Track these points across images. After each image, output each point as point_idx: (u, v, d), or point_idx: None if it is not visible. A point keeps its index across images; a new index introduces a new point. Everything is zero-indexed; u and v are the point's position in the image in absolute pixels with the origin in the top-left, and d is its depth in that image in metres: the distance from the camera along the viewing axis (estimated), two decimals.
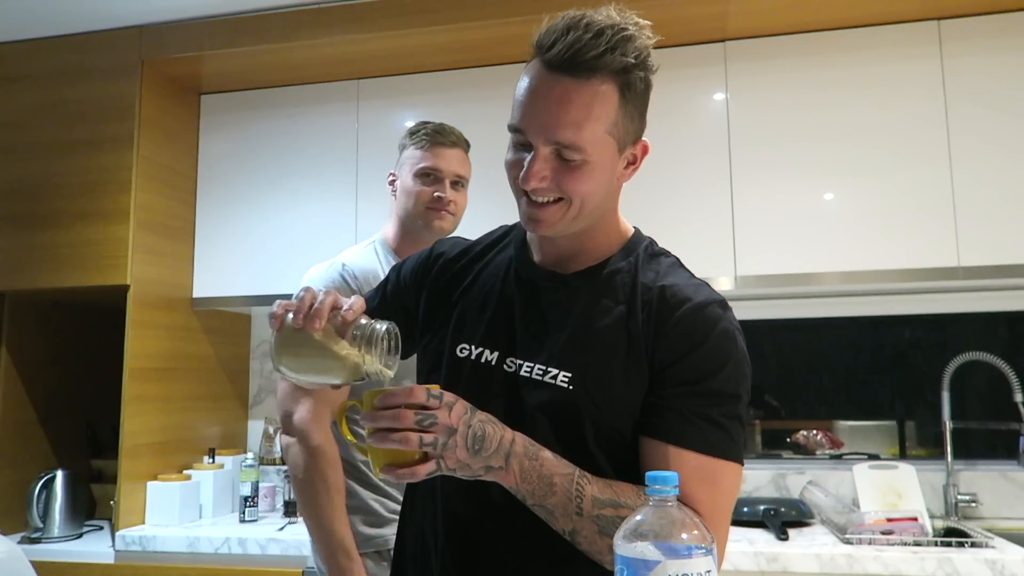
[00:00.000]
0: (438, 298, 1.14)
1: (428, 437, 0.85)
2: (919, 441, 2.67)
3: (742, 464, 0.98)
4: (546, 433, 0.98)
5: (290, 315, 0.91)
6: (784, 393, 2.83)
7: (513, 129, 0.98)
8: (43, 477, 2.54)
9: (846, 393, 2.77)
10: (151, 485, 2.48)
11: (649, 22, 0.97)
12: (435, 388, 0.89)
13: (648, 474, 0.78)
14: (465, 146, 1.83)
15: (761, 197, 2.35)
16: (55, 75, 2.61)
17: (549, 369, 1.00)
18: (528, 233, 1.11)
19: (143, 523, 2.47)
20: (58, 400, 2.79)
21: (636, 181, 1.08)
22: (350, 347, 0.91)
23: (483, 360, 1.05)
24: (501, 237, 1.17)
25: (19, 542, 2.47)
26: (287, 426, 1.57)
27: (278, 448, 2.89)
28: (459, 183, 1.79)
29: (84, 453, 2.85)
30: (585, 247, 1.06)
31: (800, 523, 2.30)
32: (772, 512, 2.26)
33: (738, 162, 2.37)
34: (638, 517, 0.77)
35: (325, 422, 1.55)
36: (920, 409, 2.67)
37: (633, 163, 1.02)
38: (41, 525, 2.50)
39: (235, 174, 2.76)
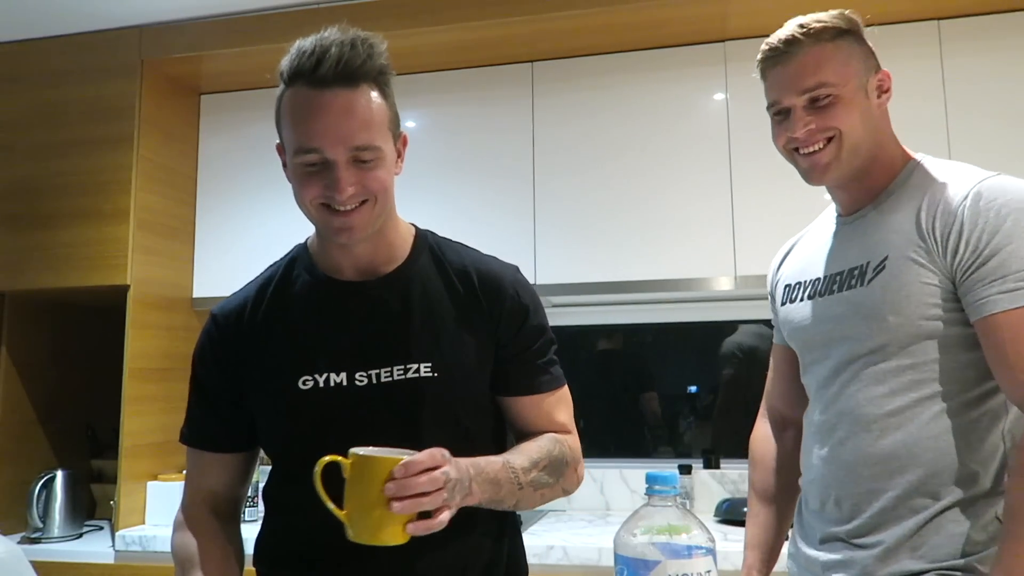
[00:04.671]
0: (251, 360, 1.14)
1: (445, 493, 0.91)
2: None
3: None
4: (421, 422, 1.06)
5: None
6: None
7: (304, 151, 1.02)
8: (43, 477, 2.54)
9: None
10: (151, 485, 2.49)
11: (379, 34, 1.08)
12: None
13: (648, 474, 0.82)
14: None
15: (761, 197, 2.34)
16: (55, 75, 2.61)
17: (410, 365, 1.07)
18: (316, 256, 1.15)
19: (143, 523, 2.47)
20: (58, 400, 2.79)
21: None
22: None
23: (332, 384, 1.07)
24: (287, 270, 1.19)
25: (19, 542, 2.46)
26: None
27: None
28: None
29: (84, 453, 2.85)
30: (382, 248, 1.12)
31: None
32: None
33: (738, 162, 2.37)
34: (637, 517, 0.77)
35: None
36: None
37: (399, 155, 1.12)
38: (41, 525, 2.50)
39: (235, 174, 2.75)
